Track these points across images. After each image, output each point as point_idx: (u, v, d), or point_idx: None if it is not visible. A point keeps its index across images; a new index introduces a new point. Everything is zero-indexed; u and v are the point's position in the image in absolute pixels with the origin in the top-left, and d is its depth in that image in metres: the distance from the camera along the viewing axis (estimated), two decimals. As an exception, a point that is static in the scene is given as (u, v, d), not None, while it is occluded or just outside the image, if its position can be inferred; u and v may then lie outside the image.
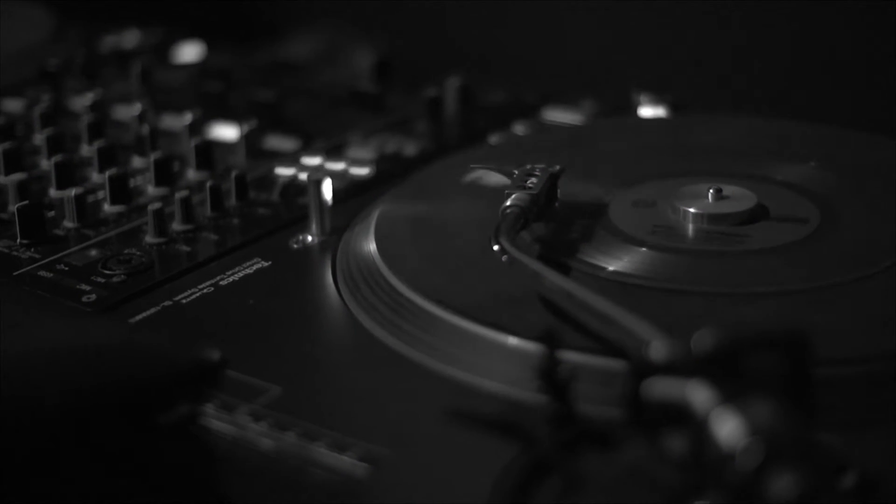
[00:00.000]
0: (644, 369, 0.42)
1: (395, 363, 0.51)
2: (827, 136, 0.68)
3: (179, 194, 0.63)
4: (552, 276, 0.50)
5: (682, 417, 0.40)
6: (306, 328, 0.55)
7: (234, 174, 0.66)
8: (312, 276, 0.59)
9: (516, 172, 0.59)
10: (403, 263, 0.56)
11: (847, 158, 0.65)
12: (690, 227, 0.59)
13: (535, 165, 0.59)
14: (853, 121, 0.68)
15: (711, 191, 0.59)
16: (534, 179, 0.58)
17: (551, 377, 0.44)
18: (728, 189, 0.60)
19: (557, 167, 0.59)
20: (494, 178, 0.61)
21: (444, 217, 0.61)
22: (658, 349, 0.43)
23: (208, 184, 0.64)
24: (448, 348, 0.51)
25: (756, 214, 0.59)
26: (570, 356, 0.46)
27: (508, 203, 0.56)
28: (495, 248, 0.53)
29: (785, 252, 0.56)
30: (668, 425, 0.41)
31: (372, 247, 0.58)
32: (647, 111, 0.74)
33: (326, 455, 0.45)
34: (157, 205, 0.62)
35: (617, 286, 0.53)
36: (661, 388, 0.41)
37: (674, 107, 0.74)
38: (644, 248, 0.57)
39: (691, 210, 0.59)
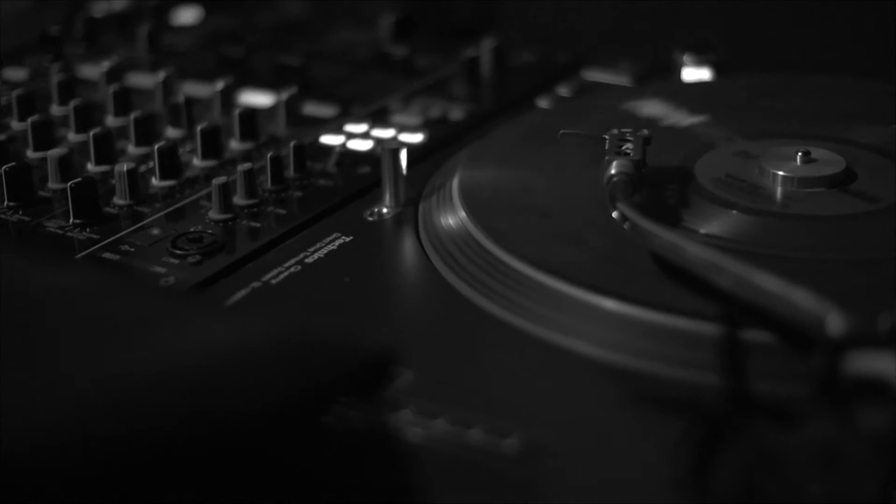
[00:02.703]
0: (840, 343, 0.40)
1: (516, 339, 0.49)
2: None
3: (242, 167, 0.60)
4: (694, 248, 0.48)
5: (882, 392, 0.39)
6: (412, 306, 0.53)
7: (293, 144, 0.63)
8: (400, 250, 0.57)
9: (607, 138, 0.57)
10: (503, 234, 0.54)
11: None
12: (779, 191, 0.57)
13: (623, 130, 0.57)
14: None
15: (799, 153, 0.58)
16: (629, 145, 0.56)
17: (731, 355, 0.42)
18: (816, 152, 0.58)
19: (646, 131, 0.57)
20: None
21: (528, 183, 0.59)
22: (840, 322, 0.42)
23: (269, 155, 0.61)
24: (568, 320, 0.49)
25: (845, 178, 0.58)
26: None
27: (614, 171, 0.54)
28: (615, 215, 0.51)
29: (881, 217, 0.55)
30: (864, 400, 0.40)
31: (463, 217, 0.56)
32: (690, 72, 0.73)
33: (486, 442, 0.43)
34: (221, 179, 0.59)
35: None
36: (865, 362, 0.39)
37: (717, 67, 0.73)
38: (735, 212, 0.55)
39: (780, 173, 0.57)
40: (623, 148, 0.56)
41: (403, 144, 0.59)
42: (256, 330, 0.39)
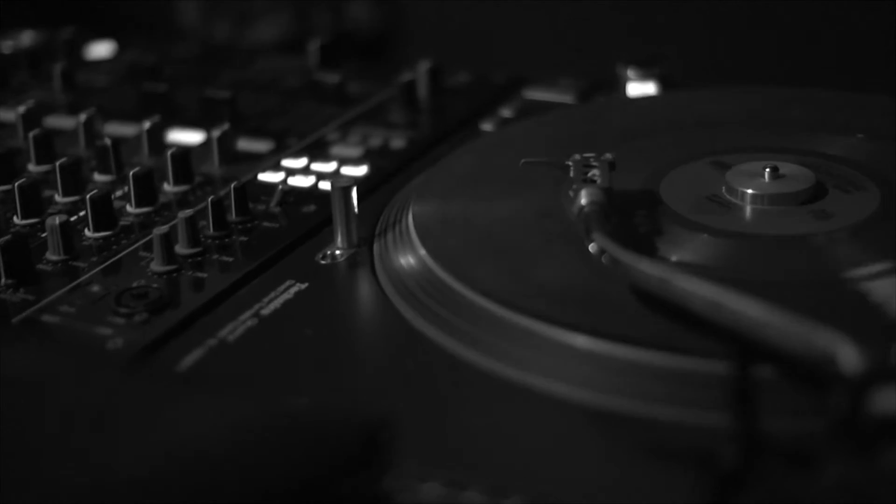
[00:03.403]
0: (860, 381, 0.38)
1: (497, 387, 0.46)
2: (866, 105, 0.65)
3: (183, 214, 0.56)
4: (685, 282, 0.45)
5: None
6: (383, 356, 0.49)
7: (233, 186, 0.59)
8: (360, 295, 0.54)
9: (571, 164, 0.54)
10: (468, 271, 0.51)
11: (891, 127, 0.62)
12: (748, 209, 0.55)
13: (585, 155, 0.55)
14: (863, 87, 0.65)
15: (767, 169, 0.56)
16: (595, 171, 0.54)
17: (742, 395, 0.40)
18: (784, 167, 0.56)
19: (609, 156, 0.55)
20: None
21: (486, 213, 0.56)
22: (854, 358, 0.40)
23: (210, 199, 0.58)
24: (553, 364, 0.46)
25: (816, 193, 0.56)
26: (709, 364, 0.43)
27: (584, 201, 0.51)
28: (592, 248, 0.49)
29: (857, 233, 0.53)
30: (889, 440, 0.38)
31: (423, 255, 0.53)
32: (635, 87, 0.70)
33: (486, 505, 0.40)
34: (163, 229, 0.55)
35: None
36: (887, 400, 0.37)
37: (663, 81, 0.70)
38: (706, 235, 0.53)
39: (749, 191, 0.55)
40: (589, 175, 0.54)
41: (353, 181, 0.56)
42: (241, 416, 0.35)
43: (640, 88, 0.70)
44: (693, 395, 0.43)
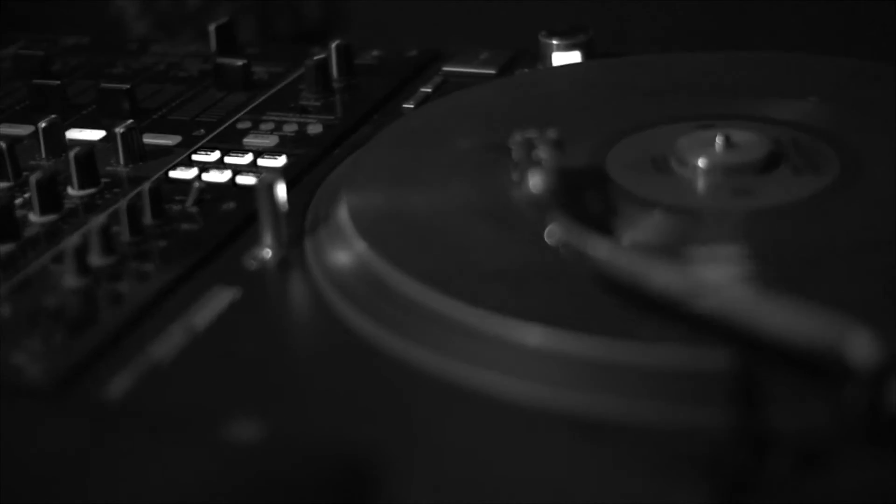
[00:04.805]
0: (877, 372, 0.35)
1: (464, 398, 0.42)
2: (815, 66, 0.62)
3: (96, 223, 0.51)
4: (666, 272, 0.42)
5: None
6: (333, 368, 0.45)
7: (148, 188, 0.54)
8: (299, 301, 0.49)
9: (513, 147, 0.51)
10: (417, 264, 0.47)
11: (843, 90, 0.60)
12: (701, 182, 0.52)
13: (526, 134, 0.51)
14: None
15: (719, 138, 0.53)
16: (540, 153, 0.50)
17: (748, 392, 0.36)
18: (735, 135, 0.53)
19: (553, 134, 0.51)
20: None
21: (424, 201, 0.52)
22: (864, 345, 0.37)
23: (125, 203, 0.53)
24: (514, 360, 0.42)
25: (773, 161, 0.53)
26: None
27: (535, 186, 0.48)
28: (549, 237, 0.45)
29: (819, 202, 0.50)
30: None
31: (365, 253, 0.49)
32: (560, 57, 0.67)
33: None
34: (74, 239, 0.50)
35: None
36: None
37: (588, 49, 0.67)
38: (659, 212, 0.50)
39: (701, 162, 0.52)
40: (535, 156, 0.50)
41: (279, 175, 0.51)
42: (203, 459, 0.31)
43: (564, 58, 0.67)
44: (676, 390, 0.40)
